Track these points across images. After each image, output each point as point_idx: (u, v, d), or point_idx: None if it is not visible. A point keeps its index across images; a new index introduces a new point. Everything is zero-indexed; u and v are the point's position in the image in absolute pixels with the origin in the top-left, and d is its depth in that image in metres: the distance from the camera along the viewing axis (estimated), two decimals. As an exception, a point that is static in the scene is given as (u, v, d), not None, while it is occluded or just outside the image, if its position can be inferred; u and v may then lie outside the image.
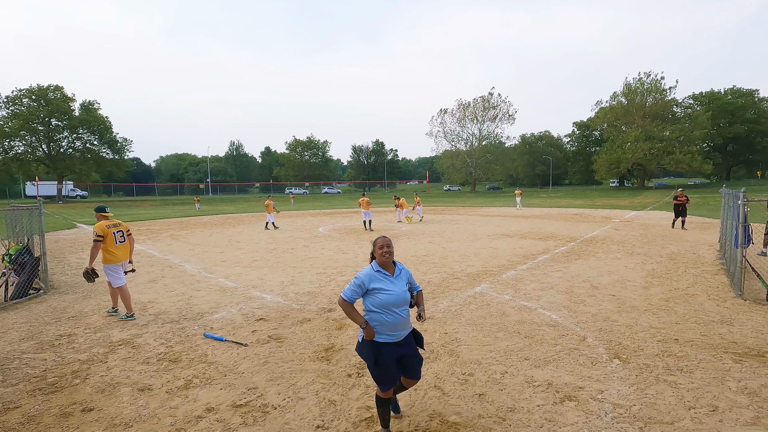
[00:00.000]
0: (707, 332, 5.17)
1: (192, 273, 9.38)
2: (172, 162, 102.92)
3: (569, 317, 5.84)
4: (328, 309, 6.44)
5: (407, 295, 3.10)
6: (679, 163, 51.13)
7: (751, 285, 7.17)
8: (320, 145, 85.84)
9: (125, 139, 56.60)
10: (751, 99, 60.71)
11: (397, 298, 3.02)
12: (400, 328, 3.06)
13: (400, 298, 3.03)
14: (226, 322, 5.91)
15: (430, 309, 6.35)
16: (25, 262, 7.61)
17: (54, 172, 51.70)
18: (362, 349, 3.11)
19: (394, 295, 3.01)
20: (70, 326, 5.82)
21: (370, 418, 3.41)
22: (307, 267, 9.86)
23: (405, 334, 3.12)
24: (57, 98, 49.73)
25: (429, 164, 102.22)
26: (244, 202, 49.60)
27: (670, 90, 54.42)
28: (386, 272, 3.09)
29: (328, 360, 4.57)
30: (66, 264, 10.70)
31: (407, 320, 3.11)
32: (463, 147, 71.56)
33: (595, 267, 9.27)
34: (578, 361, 4.41)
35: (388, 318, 3.00)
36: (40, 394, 3.89)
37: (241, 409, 3.60)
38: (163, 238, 15.98)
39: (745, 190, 7.30)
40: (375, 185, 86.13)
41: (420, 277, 8.59)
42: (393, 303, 3.00)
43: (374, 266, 3.11)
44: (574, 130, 77.01)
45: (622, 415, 3.39)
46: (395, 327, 3.03)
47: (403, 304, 3.05)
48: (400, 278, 3.13)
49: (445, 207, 37.28)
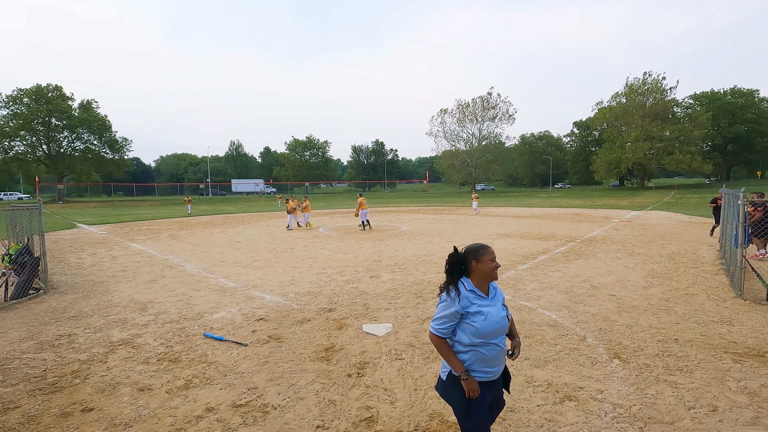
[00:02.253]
0: (707, 332, 5.17)
1: (192, 273, 9.38)
2: (172, 162, 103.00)
3: (569, 317, 5.84)
4: (328, 309, 6.44)
5: (506, 322, 2.42)
6: (679, 163, 51.18)
7: (751, 285, 7.17)
8: (320, 145, 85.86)
9: (125, 139, 56.73)
10: (751, 99, 60.74)
11: (496, 324, 2.33)
12: (498, 363, 2.40)
13: (500, 325, 2.35)
14: (226, 322, 5.91)
15: (430, 309, 6.35)
16: (25, 262, 7.60)
17: (54, 172, 51.73)
18: (449, 390, 2.41)
19: (494, 321, 2.32)
20: (70, 326, 5.82)
21: (370, 418, 3.41)
22: (307, 267, 9.86)
23: (501, 371, 2.46)
24: (56, 97, 49.75)
25: (429, 164, 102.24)
26: (244, 202, 49.58)
27: (671, 90, 54.47)
28: (482, 292, 2.37)
29: (328, 360, 4.56)
30: (66, 264, 10.70)
31: (505, 353, 2.46)
32: (463, 147, 71.58)
33: (595, 267, 9.27)
34: (578, 361, 4.41)
35: (484, 351, 2.33)
36: (40, 394, 3.89)
37: (241, 409, 3.60)
38: (163, 238, 15.98)
39: (744, 190, 7.30)
40: (375, 185, 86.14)
41: (420, 277, 8.59)
42: (493, 332, 2.33)
43: (467, 284, 2.36)
44: (574, 130, 77.06)
45: (622, 415, 3.39)
46: (493, 361, 2.37)
47: (502, 333, 2.39)
48: (496, 299, 2.43)
49: (445, 207, 37.28)
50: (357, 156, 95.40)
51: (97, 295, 7.59)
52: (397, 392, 3.83)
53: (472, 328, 2.31)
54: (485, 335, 2.31)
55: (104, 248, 13.49)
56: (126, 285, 8.28)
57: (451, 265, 2.40)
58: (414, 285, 7.87)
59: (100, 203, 48.24)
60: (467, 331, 2.32)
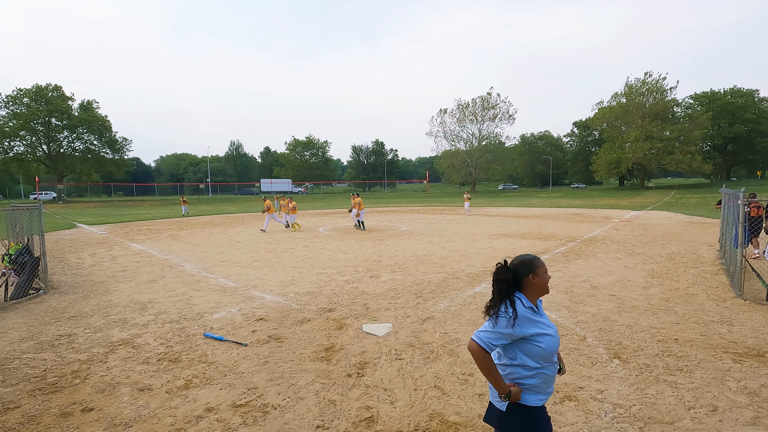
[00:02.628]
0: (707, 332, 5.17)
1: (192, 273, 9.38)
2: (172, 162, 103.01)
3: (569, 317, 5.84)
4: (328, 309, 6.44)
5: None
6: (679, 163, 51.17)
7: (751, 285, 7.17)
8: (320, 145, 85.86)
9: (125, 139, 56.70)
10: (751, 99, 60.72)
11: (558, 342, 2.12)
12: (553, 381, 2.18)
13: (558, 341, 2.13)
14: (226, 322, 5.91)
15: (430, 309, 6.35)
16: (25, 262, 7.60)
17: (54, 172, 51.71)
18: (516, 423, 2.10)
19: (556, 338, 2.11)
20: (70, 326, 5.82)
21: (370, 418, 3.41)
22: (307, 267, 9.86)
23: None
24: (56, 97, 49.74)
25: (429, 164, 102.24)
26: (244, 203, 49.57)
27: (671, 90, 54.47)
28: (535, 308, 2.14)
29: (328, 360, 4.56)
30: (66, 264, 10.70)
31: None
32: (463, 147, 71.59)
33: (595, 267, 9.27)
34: (578, 361, 4.41)
35: (549, 372, 2.11)
36: (40, 394, 3.89)
37: (241, 409, 3.60)
38: (163, 238, 15.98)
39: (744, 190, 7.30)
40: (375, 185, 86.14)
41: (420, 277, 8.59)
42: (557, 349, 2.11)
43: (524, 301, 2.10)
44: (574, 130, 77.06)
45: (622, 415, 3.39)
46: (552, 380, 2.15)
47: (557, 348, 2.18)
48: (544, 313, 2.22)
49: (445, 207, 37.27)
50: (357, 156, 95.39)
51: (97, 295, 7.59)
52: (397, 392, 3.83)
53: (539, 350, 2.05)
54: (551, 355, 2.08)
55: (104, 248, 13.49)
56: (126, 285, 8.28)
57: (506, 283, 2.09)
58: (414, 285, 7.87)
59: (100, 203, 48.25)
60: (533, 354, 2.05)
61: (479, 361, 2.04)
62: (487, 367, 2.04)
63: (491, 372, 2.05)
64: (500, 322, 2.03)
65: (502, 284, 2.10)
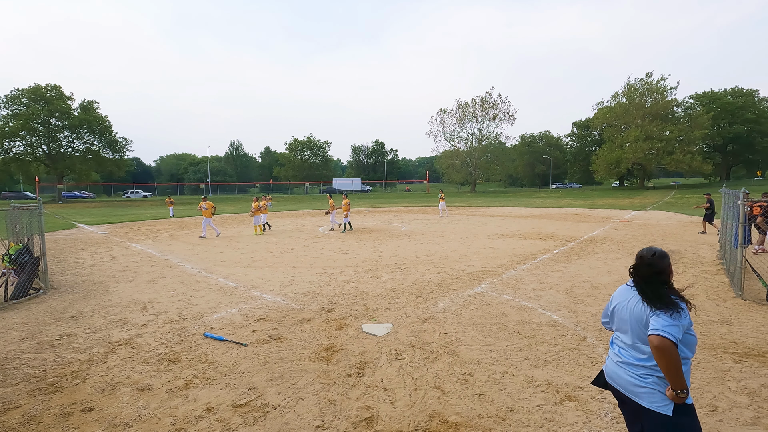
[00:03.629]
0: (707, 332, 5.17)
1: (192, 273, 9.38)
2: (172, 162, 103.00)
3: (569, 317, 5.84)
4: (328, 309, 6.44)
5: None
6: (679, 163, 51.19)
7: (751, 285, 7.17)
8: (320, 145, 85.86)
9: (125, 139, 56.63)
10: (751, 99, 60.79)
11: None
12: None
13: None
14: (226, 322, 5.91)
15: (430, 309, 6.35)
16: (25, 262, 7.60)
17: (54, 172, 51.67)
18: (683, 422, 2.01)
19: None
20: (70, 326, 5.82)
21: (370, 418, 3.41)
22: (307, 267, 9.86)
23: None
24: (55, 97, 49.68)
25: (429, 164, 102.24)
26: (244, 203, 49.54)
27: (671, 90, 54.47)
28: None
29: (328, 360, 4.56)
30: (66, 264, 10.70)
31: None
32: (463, 147, 71.58)
33: (595, 267, 9.27)
34: (578, 361, 4.41)
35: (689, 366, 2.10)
36: (40, 394, 3.89)
37: (241, 409, 3.60)
38: (163, 238, 15.98)
39: (744, 189, 7.30)
40: (375, 185, 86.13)
41: (420, 277, 8.59)
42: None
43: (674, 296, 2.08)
44: (574, 130, 77.06)
45: (622, 415, 3.38)
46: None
47: None
48: None
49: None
50: (357, 156, 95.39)
51: (97, 295, 7.59)
52: (397, 392, 3.83)
53: (692, 339, 2.05)
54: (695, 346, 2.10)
55: (104, 248, 13.49)
56: (126, 285, 8.28)
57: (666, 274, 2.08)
58: (414, 285, 7.87)
59: (100, 203, 48.23)
60: (690, 343, 2.05)
61: (673, 357, 1.92)
62: (678, 364, 1.93)
63: (679, 369, 1.94)
64: (682, 314, 1.98)
65: (665, 276, 2.08)
